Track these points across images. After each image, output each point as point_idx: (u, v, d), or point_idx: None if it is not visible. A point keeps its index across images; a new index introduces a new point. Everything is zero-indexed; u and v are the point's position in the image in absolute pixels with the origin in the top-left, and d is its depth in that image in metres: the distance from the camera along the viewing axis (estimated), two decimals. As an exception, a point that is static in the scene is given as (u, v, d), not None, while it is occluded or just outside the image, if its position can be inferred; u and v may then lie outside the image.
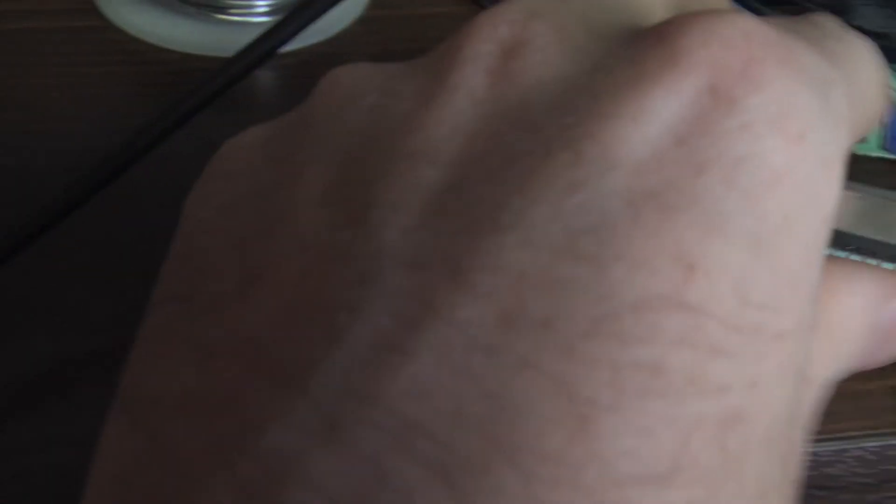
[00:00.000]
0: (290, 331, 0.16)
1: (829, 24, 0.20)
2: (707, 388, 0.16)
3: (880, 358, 0.22)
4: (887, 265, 0.29)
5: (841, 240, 0.30)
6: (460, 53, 0.18)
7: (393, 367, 0.15)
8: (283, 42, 0.31)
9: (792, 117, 0.17)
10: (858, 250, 0.30)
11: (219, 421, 0.16)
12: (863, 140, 0.35)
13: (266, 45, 0.30)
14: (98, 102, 0.37)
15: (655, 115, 0.17)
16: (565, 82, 0.18)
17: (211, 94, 0.30)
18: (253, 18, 0.40)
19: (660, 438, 0.15)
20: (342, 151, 0.18)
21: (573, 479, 0.15)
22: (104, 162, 0.29)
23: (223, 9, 0.40)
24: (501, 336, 0.16)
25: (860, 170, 0.34)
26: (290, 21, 0.30)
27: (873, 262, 0.30)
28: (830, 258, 0.24)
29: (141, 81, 0.38)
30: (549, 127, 0.17)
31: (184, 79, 0.37)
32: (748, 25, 0.18)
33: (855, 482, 0.27)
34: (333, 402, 0.15)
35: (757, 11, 0.35)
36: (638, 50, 0.18)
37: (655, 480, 0.15)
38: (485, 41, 0.18)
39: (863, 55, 0.20)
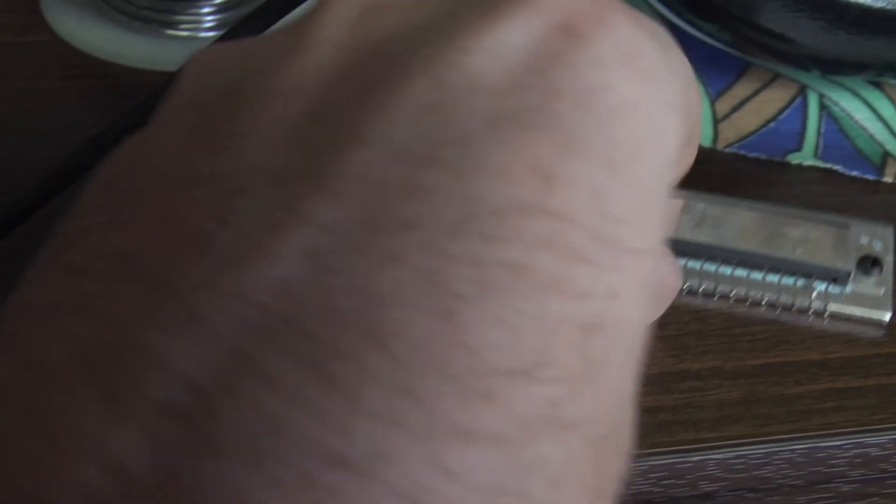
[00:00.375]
0: (157, 244, 0.17)
1: None
2: (569, 292, 0.17)
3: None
4: (771, 277, 0.30)
5: (718, 254, 0.30)
6: (322, 13, 0.19)
7: (258, 267, 0.16)
8: (228, 57, 0.31)
9: (640, 58, 0.19)
10: (741, 264, 0.30)
11: (81, 326, 0.16)
12: (797, 149, 0.36)
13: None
14: (46, 116, 0.37)
15: (510, 47, 0.18)
16: (425, 25, 0.19)
17: (157, 108, 0.30)
18: (201, 34, 0.40)
19: (524, 334, 0.16)
20: (210, 97, 0.19)
21: (441, 366, 0.16)
22: (51, 175, 0.30)
23: (171, 24, 0.40)
24: (368, 236, 0.16)
25: (795, 178, 0.35)
26: (230, 36, 0.31)
27: (758, 274, 0.30)
28: None
29: (89, 95, 0.38)
30: (409, 58, 0.18)
31: (131, 93, 0.38)
32: None
33: (784, 484, 0.28)
34: (198, 299, 0.16)
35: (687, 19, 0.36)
36: None
37: (520, 374, 0.16)
38: (346, 4, 0.19)
39: (685, 59, 0.21)
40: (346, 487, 0.15)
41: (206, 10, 0.40)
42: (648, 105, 0.18)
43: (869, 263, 0.29)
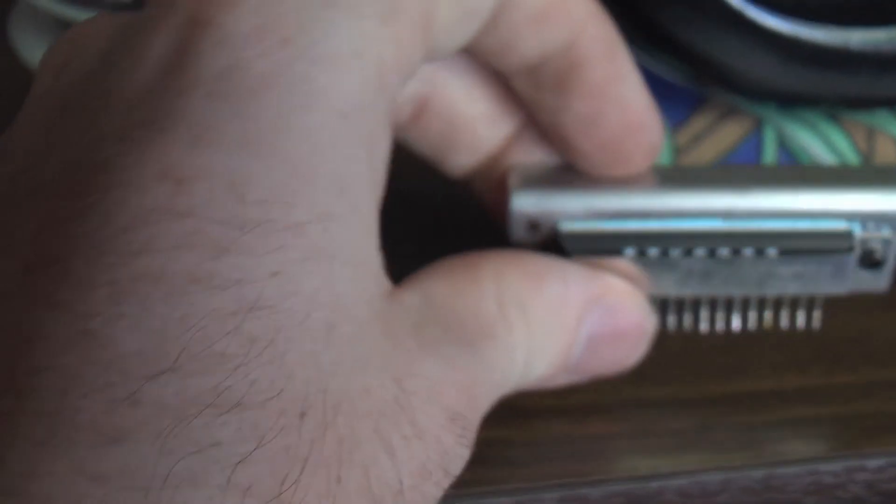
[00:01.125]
0: None
1: None
2: (215, 285, 0.17)
3: (586, 368, 0.25)
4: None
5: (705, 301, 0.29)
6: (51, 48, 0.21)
7: None
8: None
9: (272, 25, 0.18)
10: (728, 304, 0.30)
11: None
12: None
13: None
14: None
15: (148, 55, 0.19)
16: (105, 53, 0.20)
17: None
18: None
19: (167, 336, 0.17)
20: None
21: (83, 383, 0.16)
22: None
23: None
24: (21, 282, 0.17)
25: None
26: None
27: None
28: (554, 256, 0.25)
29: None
30: (77, 89, 0.19)
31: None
32: None
33: (741, 510, 0.28)
34: None
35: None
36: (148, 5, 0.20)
37: (167, 373, 0.16)
38: (63, 39, 0.21)
39: None
40: None
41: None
42: (289, 71, 0.18)
43: (870, 262, 0.28)
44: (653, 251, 0.27)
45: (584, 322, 0.25)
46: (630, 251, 0.27)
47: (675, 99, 0.38)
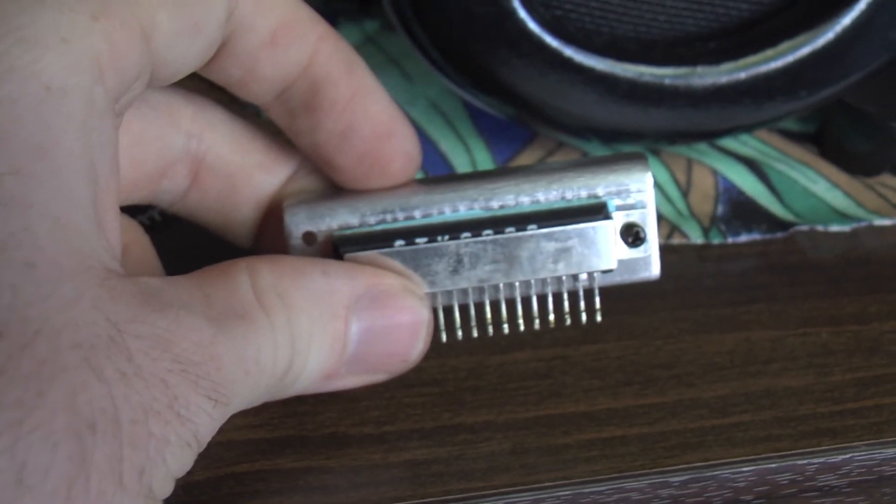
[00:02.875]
0: None
1: None
2: None
3: (366, 362, 0.26)
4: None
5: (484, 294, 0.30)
6: None
7: None
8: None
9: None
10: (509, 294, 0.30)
11: None
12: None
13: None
14: None
15: None
16: None
17: None
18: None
19: None
20: None
21: None
22: None
23: None
24: None
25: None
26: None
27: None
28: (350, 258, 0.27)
29: None
30: None
31: None
32: None
33: (551, 529, 0.29)
34: None
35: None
36: None
37: None
38: None
39: None
40: None
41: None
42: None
43: (631, 237, 0.29)
44: (421, 240, 0.28)
45: (354, 313, 0.26)
46: (400, 242, 0.28)
47: (507, 135, 0.40)
